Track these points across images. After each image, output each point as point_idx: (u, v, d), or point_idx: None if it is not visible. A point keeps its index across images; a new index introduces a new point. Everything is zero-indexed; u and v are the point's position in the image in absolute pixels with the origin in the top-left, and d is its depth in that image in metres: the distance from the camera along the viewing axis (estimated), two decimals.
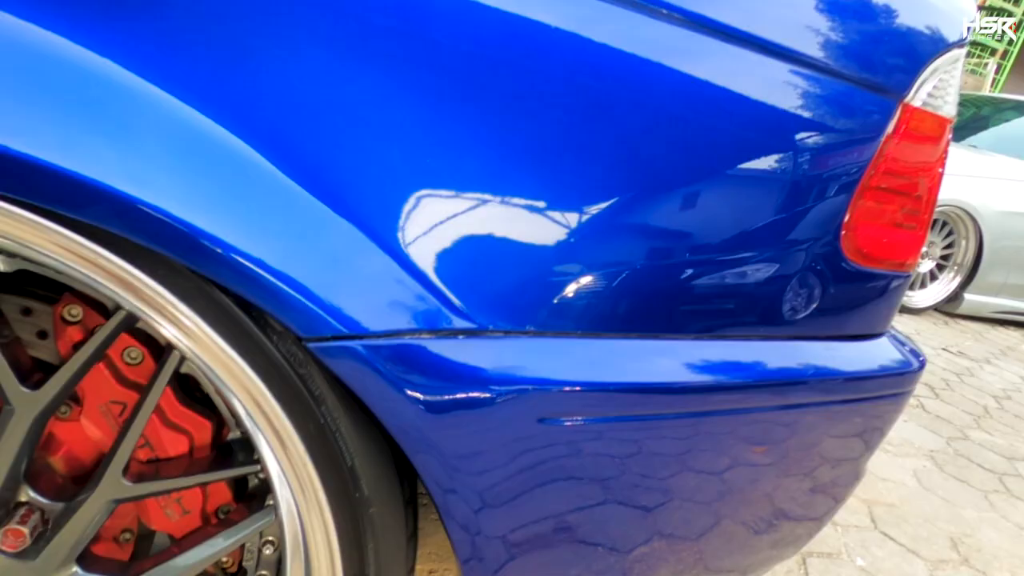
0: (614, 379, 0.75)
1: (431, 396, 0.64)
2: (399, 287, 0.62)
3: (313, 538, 0.65)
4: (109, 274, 0.55)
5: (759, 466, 0.92)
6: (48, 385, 0.63)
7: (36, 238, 0.53)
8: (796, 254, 0.83)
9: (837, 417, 0.96)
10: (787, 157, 0.78)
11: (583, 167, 0.68)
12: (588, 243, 0.70)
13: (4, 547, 0.67)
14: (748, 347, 0.85)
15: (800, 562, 1.79)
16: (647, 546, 0.91)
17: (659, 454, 0.81)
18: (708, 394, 0.81)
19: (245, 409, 0.61)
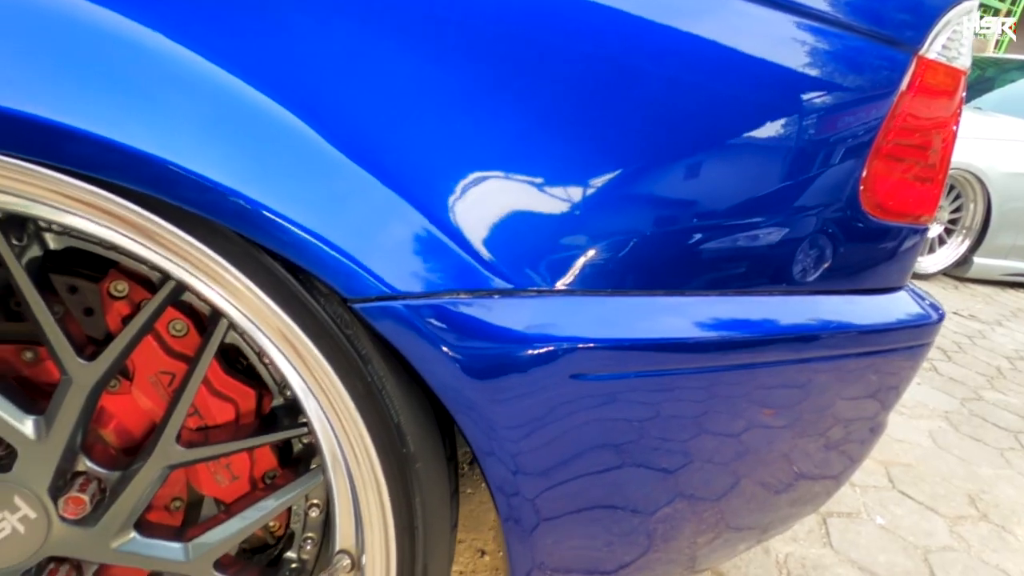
0: (643, 335, 0.76)
1: (469, 354, 0.66)
2: (437, 249, 0.64)
3: (364, 493, 0.67)
4: (164, 242, 0.57)
5: (787, 420, 0.94)
6: (103, 356, 0.65)
7: (93, 209, 0.55)
8: (816, 210, 0.85)
9: (860, 369, 0.97)
10: (804, 114, 0.79)
11: (605, 131, 0.70)
12: (615, 204, 0.72)
13: (66, 514, 0.70)
14: (772, 302, 0.87)
15: (820, 522, 1.82)
16: (671, 505, 0.93)
17: (687, 409, 0.83)
18: (734, 348, 0.83)
19: (295, 370, 0.63)
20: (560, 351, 0.70)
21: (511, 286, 0.69)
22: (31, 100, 0.51)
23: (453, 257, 0.65)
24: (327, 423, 0.66)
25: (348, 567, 0.72)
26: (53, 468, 0.68)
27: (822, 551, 1.70)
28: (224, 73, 0.54)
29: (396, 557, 0.69)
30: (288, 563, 0.81)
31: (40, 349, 0.73)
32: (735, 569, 1.59)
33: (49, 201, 0.55)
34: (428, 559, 0.71)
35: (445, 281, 0.65)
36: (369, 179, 0.60)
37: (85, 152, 0.52)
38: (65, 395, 0.66)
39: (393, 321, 0.62)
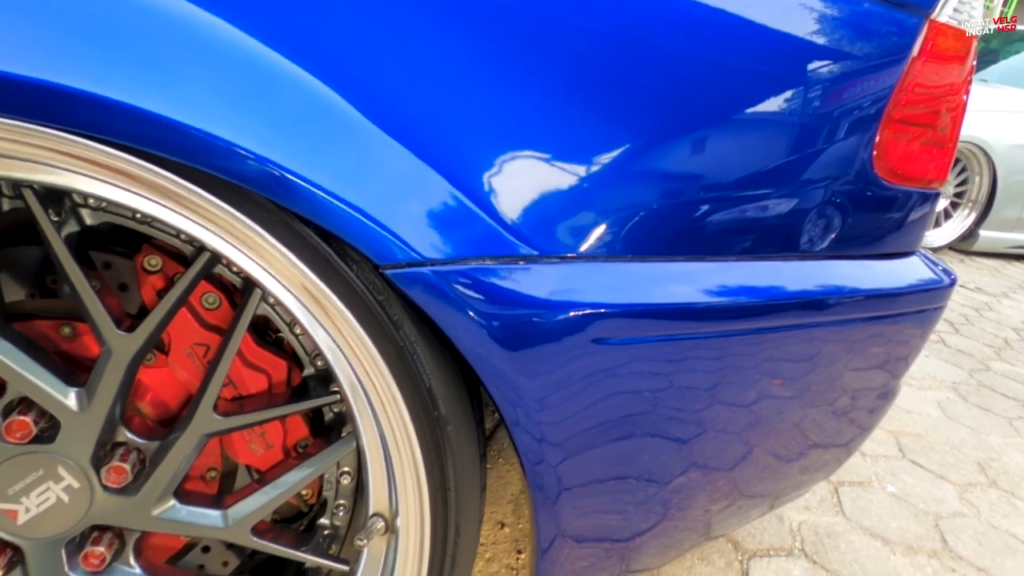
0: (663, 300, 0.78)
1: (494, 318, 0.67)
2: (465, 217, 0.65)
3: (398, 456, 0.69)
4: (202, 212, 0.58)
5: (805, 385, 0.95)
6: (141, 327, 0.67)
7: (132, 180, 0.57)
8: (831, 176, 0.86)
9: (875, 333, 0.99)
10: (817, 81, 0.80)
11: (624, 102, 0.71)
12: (635, 173, 0.73)
13: (108, 483, 0.72)
14: (789, 267, 0.88)
15: (832, 491, 1.85)
16: (687, 473, 0.95)
17: (705, 374, 0.85)
18: (752, 313, 0.84)
19: (330, 336, 0.65)
20: (582, 316, 0.72)
21: (535, 252, 0.70)
22: (70, 73, 0.52)
23: (480, 224, 0.66)
24: (360, 388, 0.68)
25: (382, 529, 0.75)
26: (95, 439, 0.71)
27: (835, 519, 1.73)
28: (258, 44, 0.55)
29: (430, 517, 0.71)
30: (321, 529, 0.83)
31: (77, 324, 0.75)
32: (750, 537, 1.62)
33: (90, 173, 0.57)
34: (460, 520, 0.73)
35: (472, 248, 0.66)
36: (400, 149, 0.61)
37: (123, 124, 0.53)
38: (105, 366, 0.68)
39: (422, 287, 0.64)
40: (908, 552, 1.63)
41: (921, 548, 1.65)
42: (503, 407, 0.72)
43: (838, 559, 1.58)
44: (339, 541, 0.84)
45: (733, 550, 1.57)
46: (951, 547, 1.67)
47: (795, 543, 1.62)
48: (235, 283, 0.74)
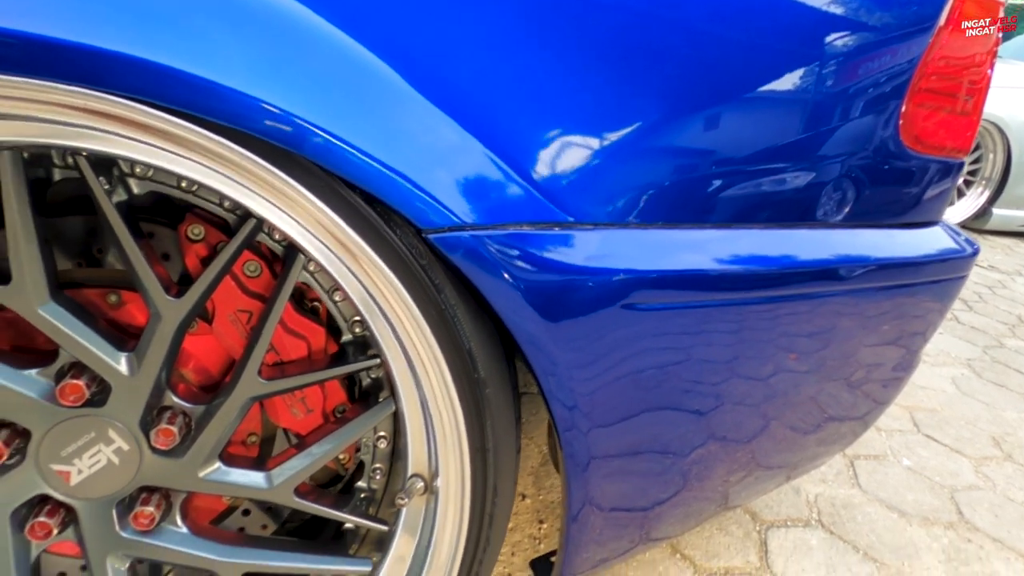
0: (692, 267, 0.79)
1: (530, 282, 0.69)
2: (504, 183, 0.67)
3: (439, 417, 0.71)
4: (250, 176, 0.60)
5: (832, 354, 0.97)
6: (189, 293, 0.69)
7: (182, 146, 0.59)
8: (858, 144, 0.86)
9: (899, 301, 1.00)
10: (845, 50, 0.81)
11: (657, 74, 0.72)
12: (665, 143, 0.74)
13: (157, 445, 0.74)
14: (816, 235, 0.89)
15: (848, 464, 1.87)
16: (714, 439, 0.97)
17: (733, 340, 0.86)
18: (780, 280, 0.86)
19: (374, 300, 0.67)
20: (615, 282, 0.74)
21: (571, 219, 0.71)
22: (122, 39, 0.53)
23: (518, 191, 0.68)
24: (402, 352, 0.70)
25: (421, 489, 0.77)
26: (144, 402, 0.73)
27: (851, 491, 1.75)
28: (304, 9, 0.57)
29: (470, 476, 0.73)
30: (359, 492, 0.86)
31: (123, 293, 0.77)
32: (767, 508, 1.64)
33: (143, 139, 0.58)
34: (498, 480, 0.75)
35: (510, 213, 0.68)
36: (443, 117, 0.63)
37: (176, 90, 0.55)
38: (155, 331, 0.70)
39: (463, 251, 0.66)
40: (924, 524, 1.65)
41: (937, 520, 1.67)
42: (538, 372, 0.73)
43: (855, 530, 1.60)
44: (376, 504, 0.87)
45: (751, 521, 1.59)
46: (967, 519, 1.68)
47: (812, 514, 1.64)
48: (276, 251, 0.76)
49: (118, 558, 0.78)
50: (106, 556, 0.77)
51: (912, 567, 1.50)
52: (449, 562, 0.77)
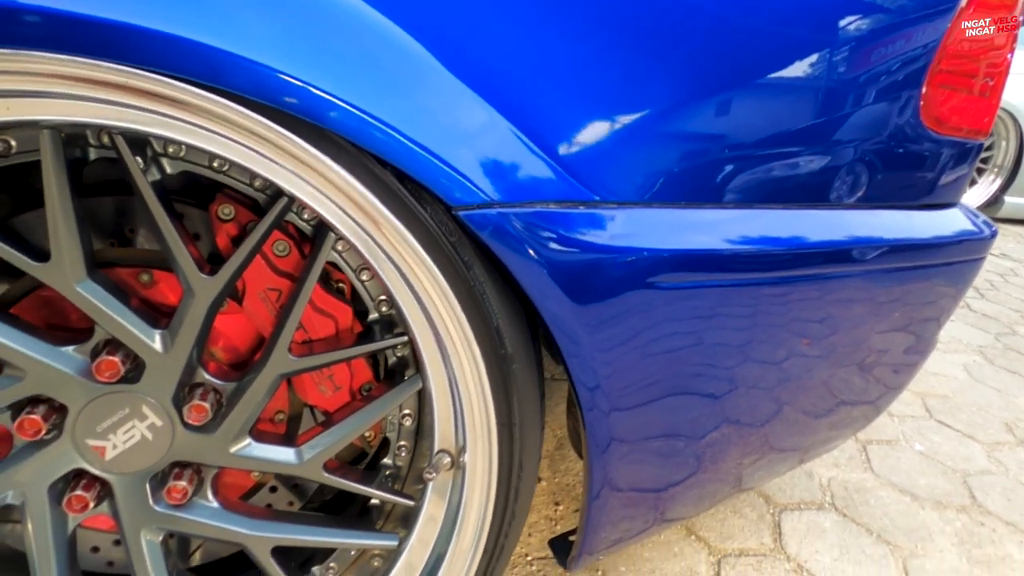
0: (714, 245, 0.80)
1: (555, 260, 0.70)
2: (531, 162, 0.68)
3: (467, 393, 0.73)
4: (283, 154, 0.61)
5: (850, 334, 0.98)
6: (222, 271, 0.70)
7: (220, 123, 0.60)
8: (879, 126, 0.87)
9: (918, 282, 1.01)
10: (867, 30, 0.81)
11: (684, 52, 0.72)
12: (688, 124, 0.75)
13: (190, 421, 0.76)
14: (837, 216, 0.90)
15: (860, 449, 1.88)
16: (731, 420, 0.98)
17: (753, 320, 0.87)
18: (799, 261, 0.86)
19: (403, 277, 0.68)
20: (638, 260, 0.74)
21: (596, 198, 0.72)
22: (159, 17, 0.55)
23: (544, 169, 0.68)
24: (431, 329, 0.71)
25: (448, 465, 0.78)
26: (177, 379, 0.74)
27: (863, 475, 1.76)
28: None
29: (497, 451, 0.74)
30: (384, 469, 0.87)
31: (155, 272, 0.78)
32: (780, 491, 1.66)
33: (179, 115, 0.60)
34: (523, 454, 0.77)
35: (537, 192, 0.69)
36: (471, 95, 0.64)
37: (205, 65, 0.56)
38: (188, 308, 0.71)
39: (491, 228, 0.67)
40: (937, 507, 1.66)
41: (950, 504, 1.68)
42: (563, 350, 0.74)
43: (868, 513, 1.62)
44: (401, 480, 0.88)
45: (764, 504, 1.60)
46: (980, 503, 1.69)
47: (825, 498, 1.65)
48: (304, 231, 0.77)
49: (152, 531, 0.80)
50: (140, 529, 0.79)
51: (925, 549, 1.51)
52: (476, 535, 0.78)
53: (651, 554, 1.40)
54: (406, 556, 0.84)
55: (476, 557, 0.79)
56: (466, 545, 0.79)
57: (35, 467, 0.75)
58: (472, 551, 0.79)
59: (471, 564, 0.79)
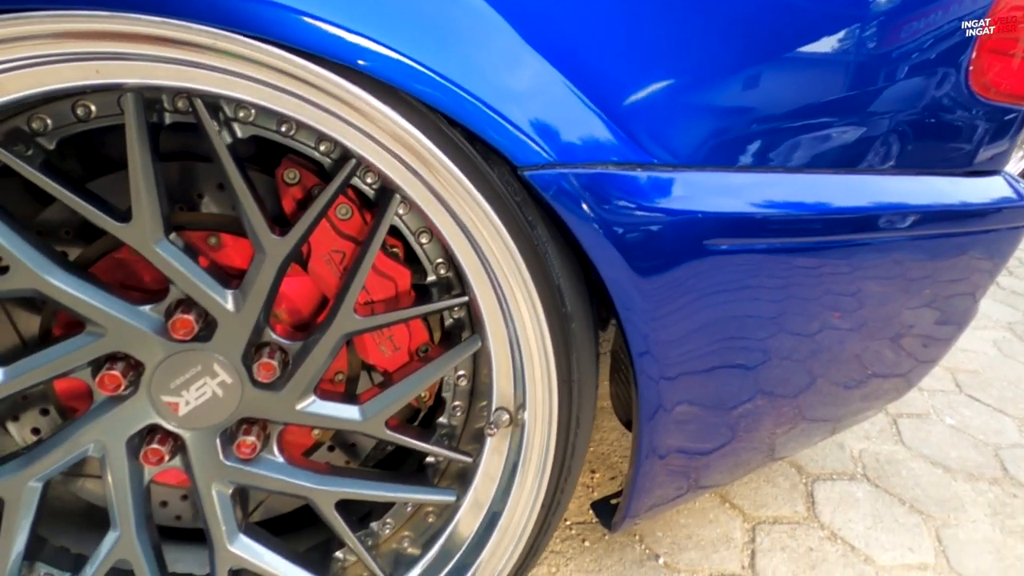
0: (764, 209, 0.81)
1: (614, 220, 0.72)
2: (593, 125, 0.69)
3: (528, 351, 0.75)
4: (357, 112, 0.63)
5: (898, 299, 0.98)
6: (293, 231, 0.72)
7: (300, 85, 0.62)
8: (929, 91, 0.87)
9: (962, 249, 1.01)
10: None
11: (741, 21, 0.73)
12: (743, 90, 0.76)
13: (259, 379, 0.79)
14: (883, 181, 0.90)
15: (891, 422, 1.89)
16: (777, 388, 0.99)
17: (806, 282, 0.88)
18: (849, 224, 0.87)
19: (468, 239, 0.70)
20: (692, 222, 0.76)
21: (653, 160, 0.74)
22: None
23: (606, 132, 0.70)
24: (492, 288, 0.74)
25: (507, 422, 0.81)
26: (246, 338, 0.77)
27: (895, 447, 1.77)
28: None
29: (557, 407, 0.76)
30: (440, 428, 0.90)
31: (222, 235, 0.81)
32: (812, 462, 1.67)
33: (260, 76, 0.62)
34: (580, 411, 0.79)
35: (598, 153, 0.70)
36: (538, 58, 0.65)
37: (283, 26, 0.58)
38: (260, 269, 0.74)
39: (555, 188, 0.68)
40: (969, 479, 1.67)
41: (982, 475, 1.69)
42: (620, 312, 0.76)
43: (900, 484, 1.63)
44: (455, 439, 0.91)
45: (797, 474, 1.62)
46: (1012, 475, 1.70)
47: (857, 469, 1.67)
48: (367, 194, 0.79)
49: (222, 484, 0.83)
50: (211, 483, 0.83)
51: (958, 519, 1.52)
52: (535, 490, 0.81)
53: (686, 520, 1.43)
54: (463, 512, 0.87)
55: (534, 512, 0.82)
56: (524, 500, 0.82)
57: (114, 421, 0.79)
58: (530, 506, 0.82)
59: (529, 518, 0.82)
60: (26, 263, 0.68)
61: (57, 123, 0.70)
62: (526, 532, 0.83)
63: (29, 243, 0.69)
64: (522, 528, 0.83)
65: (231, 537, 0.84)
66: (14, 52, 0.59)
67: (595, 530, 1.38)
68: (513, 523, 0.83)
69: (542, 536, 0.85)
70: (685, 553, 1.34)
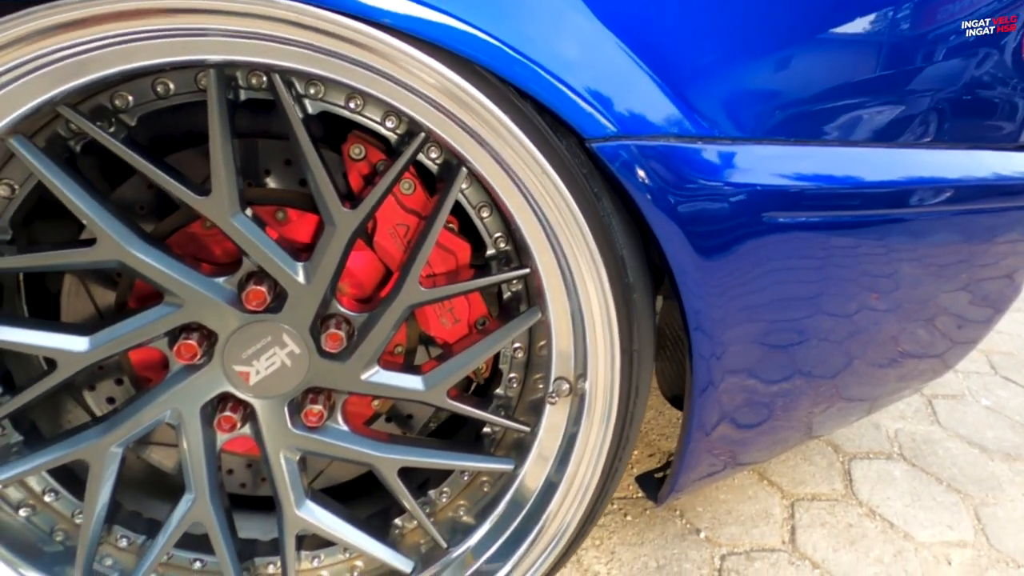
0: (823, 182, 0.82)
1: (676, 192, 0.73)
2: (657, 98, 0.70)
3: (591, 321, 0.77)
4: (429, 86, 0.65)
5: (952, 272, 0.99)
6: (363, 204, 0.75)
7: (380, 59, 0.64)
8: (983, 64, 0.87)
9: (1013, 226, 1.01)
10: None
11: None
12: (804, 65, 0.77)
13: (327, 349, 0.81)
14: (937, 155, 0.91)
15: (926, 403, 1.88)
16: (825, 359, 1.00)
17: (863, 255, 0.89)
18: (903, 198, 0.88)
19: (535, 211, 0.72)
20: (752, 194, 0.77)
21: (714, 133, 0.75)
22: None
23: (668, 105, 0.71)
24: (556, 259, 0.75)
25: (567, 391, 0.83)
26: (315, 309, 0.80)
27: (930, 428, 1.77)
28: None
29: (620, 376, 0.78)
30: (496, 399, 0.92)
31: (288, 210, 0.84)
32: (848, 441, 1.68)
33: (335, 49, 0.64)
34: (639, 380, 0.81)
35: (661, 126, 0.71)
36: (605, 31, 0.67)
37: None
38: (330, 241, 0.76)
39: (621, 161, 0.70)
40: (1006, 459, 1.67)
41: (1019, 456, 1.69)
42: (680, 286, 0.77)
43: (937, 463, 1.63)
44: (511, 410, 0.93)
45: (833, 452, 1.63)
46: None
47: (893, 448, 1.67)
48: (429, 169, 0.81)
49: (290, 451, 0.86)
50: (280, 450, 0.86)
51: (996, 498, 1.53)
52: (594, 458, 0.83)
53: (726, 496, 1.45)
54: (520, 480, 0.89)
55: (593, 480, 0.84)
56: (584, 468, 0.84)
57: (189, 390, 0.82)
58: (590, 474, 0.84)
59: (588, 485, 0.84)
60: (113, 236, 0.71)
61: (138, 100, 0.73)
62: (585, 499, 0.85)
63: (115, 217, 0.71)
64: (581, 496, 0.85)
65: (299, 502, 0.87)
66: (105, 30, 0.62)
67: (635, 505, 1.40)
68: (574, 489, 0.85)
69: (599, 504, 0.87)
70: (726, 528, 1.36)
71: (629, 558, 1.27)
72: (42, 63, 0.60)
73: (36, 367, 0.91)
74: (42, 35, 0.58)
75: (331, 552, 0.97)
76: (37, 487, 0.87)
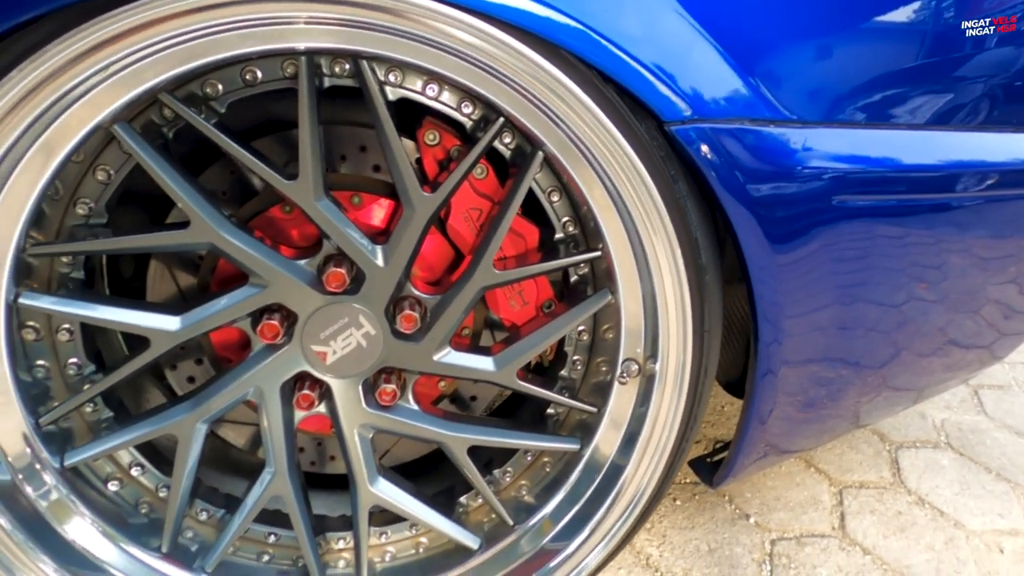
0: (892, 166, 0.82)
1: (749, 175, 0.74)
2: (732, 82, 0.72)
3: (664, 302, 0.78)
4: (525, 72, 0.67)
5: (1006, 260, 0.99)
6: (441, 188, 0.77)
7: (467, 46, 0.66)
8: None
9: None
10: None
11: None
12: (872, 51, 0.77)
13: (402, 329, 0.84)
14: (1007, 139, 0.90)
15: (972, 393, 1.87)
16: (886, 346, 1.00)
17: (934, 239, 0.89)
18: (965, 182, 0.88)
19: (610, 194, 0.73)
20: (825, 177, 0.78)
21: (787, 117, 0.76)
22: None
23: (743, 88, 0.72)
24: (629, 242, 0.77)
25: (636, 372, 0.84)
26: (391, 291, 0.82)
27: (977, 417, 1.76)
28: None
29: (692, 356, 0.80)
30: (560, 380, 0.94)
31: (363, 195, 0.86)
32: (895, 431, 1.68)
33: (422, 35, 0.66)
34: (708, 361, 0.82)
35: (736, 109, 0.73)
36: (685, 17, 0.68)
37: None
38: (408, 224, 0.78)
39: (697, 144, 0.71)
40: None
41: None
42: (750, 266, 0.78)
43: (985, 453, 1.62)
44: (575, 392, 0.95)
45: (880, 441, 1.63)
46: None
47: (940, 437, 1.66)
48: (502, 155, 0.83)
49: (364, 429, 0.89)
50: (354, 427, 0.89)
51: None
52: (664, 438, 0.85)
53: (774, 483, 1.45)
54: (586, 461, 0.91)
55: (662, 459, 0.86)
56: (653, 448, 0.86)
57: (270, 368, 0.85)
58: (659, 454, 0.85)
59: (658, 464, 0.86)
60: (206, 219, 0.74)
61: (227, 88, 0.75)
62: (653, 479, 0.87)
63: (208, 201, 0.74)
64: (649, 476, 0.87)
65: (372, 479, 0.90)
66: (202, 21, 0.64)
67: (684, 490, 1.42)
68: (643, 467, 0.87)
69: (665, 483, 0.89)
70: (775, 514, 1.37)
71: (680, 541, 1.29)
72: (152, 50, 0.63)
73: (119, 348, 0.95)
74: (160, 22, 0.60)
75: (398, 528, 0.99)
76: (124, 461, 0.90)
